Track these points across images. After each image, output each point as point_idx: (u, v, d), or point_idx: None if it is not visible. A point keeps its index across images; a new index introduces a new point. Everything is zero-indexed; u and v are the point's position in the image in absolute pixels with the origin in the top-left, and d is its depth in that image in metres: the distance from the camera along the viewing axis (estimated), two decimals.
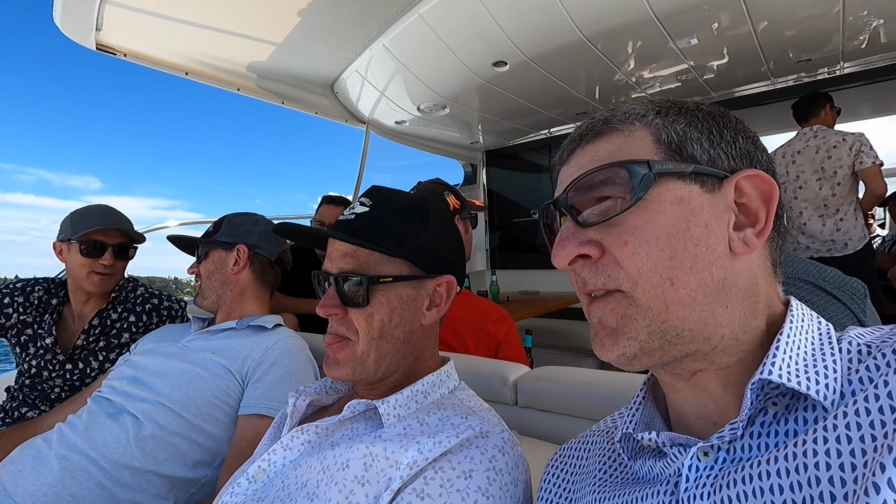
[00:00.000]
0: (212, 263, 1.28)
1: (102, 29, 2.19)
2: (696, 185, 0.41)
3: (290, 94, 3.11)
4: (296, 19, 2.31)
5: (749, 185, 0.41)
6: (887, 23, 2.46)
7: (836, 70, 3.07)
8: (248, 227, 1.32)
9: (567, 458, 0.57)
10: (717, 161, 0.42)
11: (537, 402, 1.01)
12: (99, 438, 1.02)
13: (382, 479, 0.56)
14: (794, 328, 0.40)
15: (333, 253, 0.71)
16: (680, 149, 0.42)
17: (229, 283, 1.27)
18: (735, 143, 0.43)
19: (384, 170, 5.70)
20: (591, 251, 0.42)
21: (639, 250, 0.40)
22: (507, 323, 1.37)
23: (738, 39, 2.56)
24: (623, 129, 0.44)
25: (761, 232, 0.41)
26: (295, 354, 1.15)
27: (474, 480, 0.55)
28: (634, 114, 0.44)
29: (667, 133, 0.42)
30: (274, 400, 1.06)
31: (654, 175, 0.40)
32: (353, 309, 0.68)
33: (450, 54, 2.58)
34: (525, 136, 4.41)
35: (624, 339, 0.41)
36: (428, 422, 0.64)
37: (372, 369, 0.69)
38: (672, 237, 0.39)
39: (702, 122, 0.43)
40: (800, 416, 0.37)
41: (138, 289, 1.61)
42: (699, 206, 0.40)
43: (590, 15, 2.23)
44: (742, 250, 0.40)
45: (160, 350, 1.19)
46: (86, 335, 1.47)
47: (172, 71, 2.65)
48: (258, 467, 0.67)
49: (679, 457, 0.40)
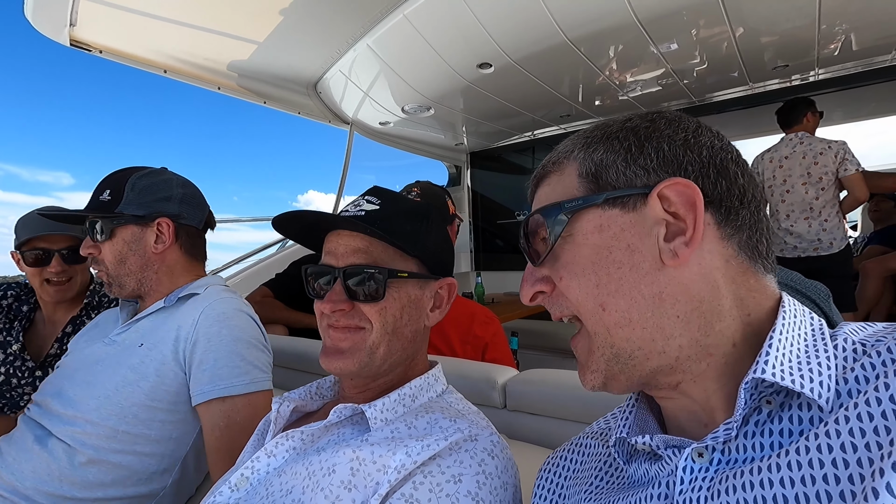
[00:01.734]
0: (121, 243, 1.02)
1: (77, 25, 2.12)
2: (615, 210, 0.42)
3: (272, 94, 3.07)
4: (278, 18, 2.27)
5: (672, 194, 0.41)
6: (858, 32, 2.54)
7: (809, 76, 3.16)
8: (162, 192, 1.06)
9: (561, 462, 0.57)
10: (633, 180, 0.43)
11: (526, 406, 1.00)
12: (28, 470, 0.89)
13: (370, 484, 0.55)
14: (787, 325, 0.40)
15: (339, 248, 0.68)
16: (596, 178, 0.44)
17: (152, 265, 1.05)
18: (658, 154, 0.43)
19: (368, 170, 5.64)
20: (545, 287, 0.46)
21: (571, 283, 0.44)
22: (493, 325, 1.36)
23: (717, 45, 2.62)
24: (556, 169, 0.48)
25: (692, 239, 0.40)
26: (232, 319, 1.00)
27: (464, 484, 0.54)
28: (565, 152, 0.48)
29: (585, 166, 0.45)
30: (227, 377, 0.94)
31: (567, 214, 0.44)
32: (363, 304, 0.66)
33: (435, 55, 2.58)
34: (509, 138, 4.44)
35: (588, 372, 0.45)
36: (416, 425, 0.63)
37: (378, 363, 0.68)
38: (596, 265, 0.42)
39: (620, 144, 0.44)
40: (794, 415, 0.37)
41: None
42: (620, 228, 0.42)
43: (574, 18, 2.25)
44: (671, 262, 0.40)
45: (87, 352, 1.05)
46: (59, 343, 1.42)
47: (150, 69, 2.58)
48: (241, 475, 0.65)
49: (673, 458, 0.40)
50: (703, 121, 0.46)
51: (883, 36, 2.61)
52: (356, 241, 0.68)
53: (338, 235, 0.70)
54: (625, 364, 0.42)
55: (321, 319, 0.70)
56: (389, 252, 0.68)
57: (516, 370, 1.11)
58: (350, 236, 0.69)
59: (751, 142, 4.14)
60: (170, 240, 1.07)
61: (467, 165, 4.84)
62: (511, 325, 3.08)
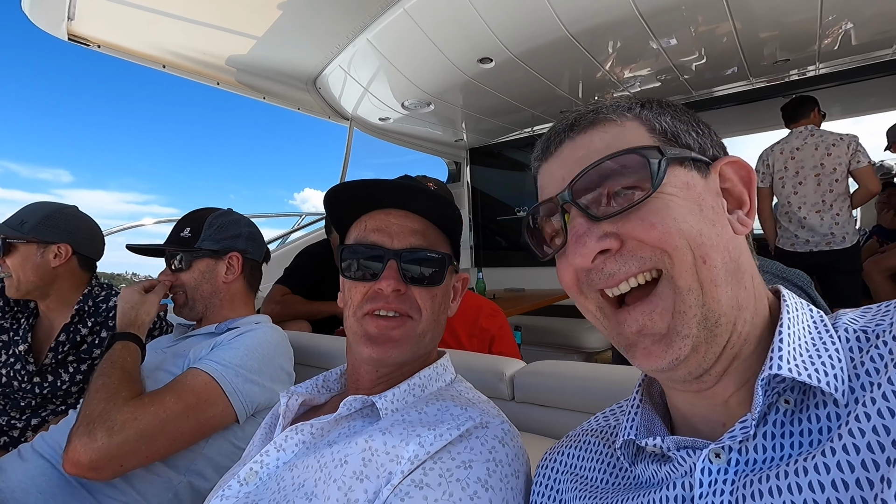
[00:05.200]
0: (198, 273, 1.19)
1: (75, 19, 2.11)
2: (695, 171, 0.42)
3: (271, 90, 3.05)
4: (277, 12, 2.26)
5: (731, 171, 0.43)
6: (858, 26, 2.54)
7: (809, 71, 3.15)
8: (233, 230, 1.24)
9: (559, 458, 0.56)
10: (705, 149, 0.43)
11: (534, 397, 1.00)
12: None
13: (382, 474, 0.54)
14: (792, 317, 0.39)
15: (393, 228, 0.66)
16: (675, 137, 0.43)
17: (219, 293, 1.21)
18: (711, 136, 0.45)
19: (368, 167, 5.63)
20: (612, 244, 0.40)
21: (670, 230, 0.38)
22: (499, 318, 1.36)
23: (718, 39, 2.61)
24: (615, 119, 0.43)
25: (749, 212, 0.43)
26: (271, 344, 1.10)
27: (474, 471, 0.54)
28: (622, 106, 0.45)
29: (658, 123, 0.43)
30: (233, 376, 0.99)
31: (666, 161, 0.40)
32: (417, 287, 0.65)
33: (435, 50, 2.56)
34: (508, 134, 4.43)
35: (678, 339, 0.38)
36: (427, 411, 0.62)
37: (422, 351, 0.68)
38: (693, 216, 0.39)
39: (683, 116, 0.45)
40: (812, 415, 0.36)
41: (111, 299, 1.45)
42: (702, 190, 0.41)
43: (576, 12, 2.24)
44: (741, 230, 0.41)
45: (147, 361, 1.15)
46: (54, 353, 1.35)
47: (149, 63, 2.57)
48: (250, 469, 0.64)
49: (687, 459, 0.39)
50: (703, 116, 0.47)
51: (883, 30, 2.61)
52: (411, 221, 0.66)
53: (387, 213, 0.67)
54: (710, 331, 0.38)
55: (362, 303, 0.65)
56: (441, 238, 0.68)
57: (524, 362, 1.11)
58: (404, 216, 0.67)
59: (750, 137, 4.15)
60: (238, 271, 1.23)
61: (467, 162, 4.83)
62: (512, 321, 3.08)
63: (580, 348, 3.21)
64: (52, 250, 1.35)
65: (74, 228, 1.41)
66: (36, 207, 1.39)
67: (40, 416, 1.35)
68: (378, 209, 0.69)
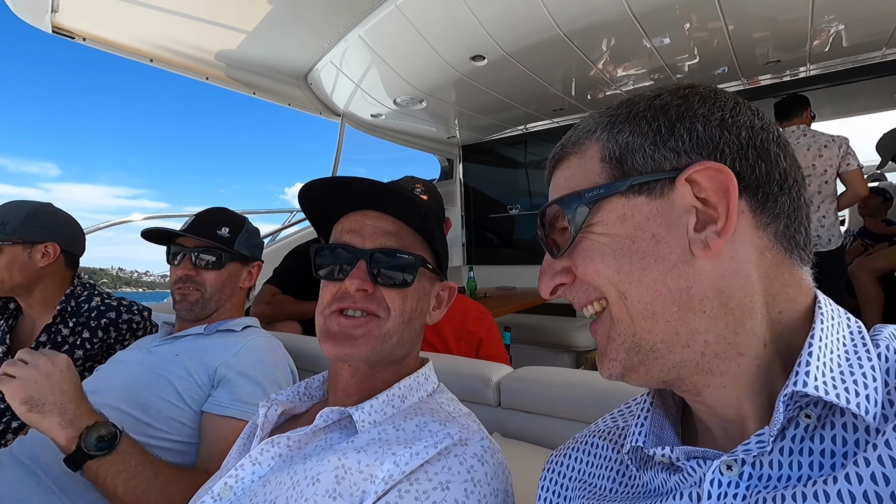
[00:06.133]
0: (227, 275, 1.18)
1: (59, 11, 2.07)
2: (640, 197, 0.39)
3: (261, 85, 3.01)
4: (267, 7, 2.23)
5: (702, 178, 0.38)
6: (849, 28, 2.55)
7: (800, 72, 3.17)
8: (258, 240, 1.27)
9: (566, 461, 0.54)
10: (662, 163, 0.39)
11: (520, 404, 0.99)
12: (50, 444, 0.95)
13: (356, 493, 0.53)
14: (826, 329, 0.36)
15: (366, 228, 0.66)
16: (621, 162, 0.41)
17: (233, 297, 1.21)
18: (692, 135, 0.39)
19: (360, 163, 5.60)
20: (564, 279, 0.44)
21: (588, 269, 0.41)
22: (487, 321, 1.36)
23: (710, 39, 2.61)
24: (576, 151, 0.44)
25: (723, 229, 0.37)
26: (268, 355, 1.10)
27: (451, 492, 0.53)
28: (586, 132, 0.44)
29: (609, 148, 0.42)
30: (248, 403, 1.00)
31: (588, 205, 0.41)
32: (388, 288, 0.65)
33: (427, 47, 2.54)
34: (501, 132, 4.42)
35: (606, 360, 0.42)
36: (405, 427, 0.61)
37: (388, 352, 0.66)
38: (617, 254, 0.40)
39: (648, 124, 0.40)
40: (838, 435, 0.34)
41: (93, 299, 1.42)
42: (644, 217, 0.39)
43: (568, 11, 2.23)
44: (702, 253, 0.37)
45: (125, 357, 1.15)
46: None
47: (136, 57, 2.52)
48: (224, 484, 0.62)
49: (697, 470, 0.38)
50: None
51: (872, 32, 2.63)
52: (385, 222, 0.66)
53: (363, 215, 0.67)
54: (645, 356, 0.39)
55: (331, 302, 0.66)
56: (417, 240, 0.67)
57: (511, 367, 1.10)
58: (378, 217, 0.66)
59: None
60: (254, 279, 1.24)
61: (459, 159, 4.81)
62: (503, 320, 3.08)
63: (570, 347, 3.22)
64: (39, 250, 1.33)
65: (58, 226, 1.39)
66: (13, 207, 1.35)
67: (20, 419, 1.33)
68: (356, 210, 0.68)
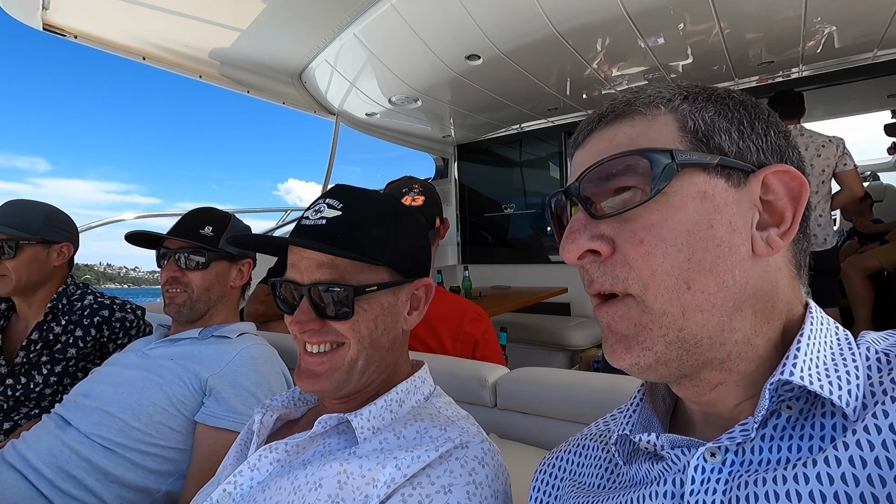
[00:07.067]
0: (214, 275, 1.14)
1: (50, 8, 2.04)
2: (721, 179, 0.38)
3: (255, 83, 2.99)
4: (261, 5, 2.21)
5: (777, 182, 0.38)
6: (841, 29, 2.57)
7: (792, 73, 3.19)
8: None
9: (558, 463, 0.55)
10: (745, 154, 0.39)
11: (517, 405, 1.00)
12: (43, 448, 0.97)
13: (358, 497, 0.54)
14: (815, 330, 0.38)
15: (302, 263, 0.64)
16: (707, 138, 0.39)
17: (223, 297, 1.18)
18: (766, 137, 0.40)
19: (354, 162, 5.57)
20: (602, 247, 0.39)
21: (654, 250, 0.37)
22: (483, 321, 1.36)
23: (704, 39, 2.63)
24: (646, 112, 0.40)
25: (786, 233, 0.38)
26: (262, 364, 1.08)
27: (454, 495, 0.53)
28: (660, 97, 0.41)
29: (693, 120, 0.39)
30: (243, 414, 0.99)
31: (678, 166, 0.37)
32: (334, 322, 0.64)
33: (422, 46, 2.54)
34: (496, 131, 4.42)
35: (638, 348, 0.38)
36: (405, 434, 0.61)
37: (356, 378, 0.65)
38: (692, 236, 0.37)
39: (732, 112, 0.40)
40: (817, 422, 0.35)
41: (86, 297, 1.42)
42: (723, 202, 0.37)
43: (563, 10, 2.24)
44: (765, 252, 0.37)
45: (120, 360, 1.13)
46: (25, 351, 1.32)
47: (128, 56, 2.50)
48: (223, 490, 0.62)
49: (681, 458, 0.38)
50: None
51: (864, 34, 2.65)
52: (320, 255, 0.64)
53: (301, 249, 0.66)
54: (686, 351, 0.37)
55: (295, 335, 0.66)
56: (356, 264, 0.64)
57: (507, 368, 1.10)
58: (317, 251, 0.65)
59: None
60: (246, 278, 1.21)
61: (454, 158, 4.81)
62: (499, 320, 3.09)
63: (565, 346, 3.23)
64: (56, 249, 1.39)
65: (71, 227, 1.46)
66: (28, 207, 1.39)
67: (13, 420, 1.31)
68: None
